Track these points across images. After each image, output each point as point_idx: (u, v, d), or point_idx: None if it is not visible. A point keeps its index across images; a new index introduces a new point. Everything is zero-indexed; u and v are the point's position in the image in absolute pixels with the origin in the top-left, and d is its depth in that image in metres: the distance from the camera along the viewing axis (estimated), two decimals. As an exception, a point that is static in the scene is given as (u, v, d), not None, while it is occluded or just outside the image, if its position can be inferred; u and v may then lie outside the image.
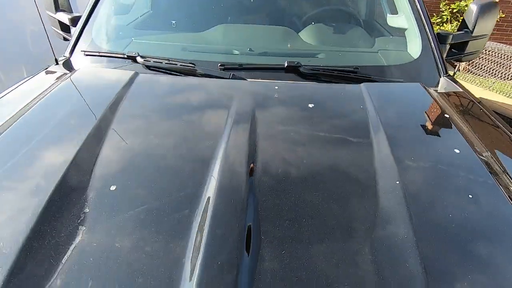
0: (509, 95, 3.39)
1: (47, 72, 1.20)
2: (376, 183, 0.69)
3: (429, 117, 0.96)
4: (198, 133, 0.84)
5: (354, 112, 0.91)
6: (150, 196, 0.64)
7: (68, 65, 1.24)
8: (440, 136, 0.88)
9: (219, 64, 1.14)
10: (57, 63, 1.24)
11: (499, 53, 3.54)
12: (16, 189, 0.66)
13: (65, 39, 1.62)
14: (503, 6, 4.65)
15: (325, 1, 1.56)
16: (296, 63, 1.12)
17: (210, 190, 0.64)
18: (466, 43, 1.49)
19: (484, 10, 1.42)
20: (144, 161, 0.74)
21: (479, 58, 3.72)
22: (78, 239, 0.55)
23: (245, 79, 1.11)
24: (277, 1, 1.53)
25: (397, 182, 0.68)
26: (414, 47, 1.30)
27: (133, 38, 1.38)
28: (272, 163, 0.73)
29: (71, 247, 0.54)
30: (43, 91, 1.03)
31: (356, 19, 1.57)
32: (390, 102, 1.00)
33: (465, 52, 1.53)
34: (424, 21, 1.33)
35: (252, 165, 0.72)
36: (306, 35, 1.38)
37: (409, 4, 1.38)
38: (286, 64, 1.12)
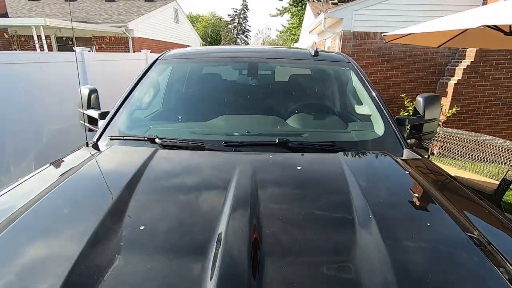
0: (480, 173, 3.74)
1: (79, 152, 1.43)
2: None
3: (398, 180, 1.17)
4: (207, 197, 1.01)
5: (334, 173, 1.13)
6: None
7: (96, 147, 1.49)
8: (411, 199, 1.07)
9: (223, 142, 1.41)
10: (87, 145, 1.49)
11: (462, 138, 4.07)
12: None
13: (90, 130, 1.93)
14: (456, 101, 5.54)
15: (307, 98, 1.98)
16: (285, 139, 1.40)
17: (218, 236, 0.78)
18: (422, 125, 1.85)
19: (428, 100, 1.83)
20: (161, 222, 0.88)
21: (448, 143, 4.24)
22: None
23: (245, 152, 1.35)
24: (268, 98, 1.94)
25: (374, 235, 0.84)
26: (379, 128, 1.63)
27: (150, 126, 1.68)
28: (271, 218, 0.89)
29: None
30: (76, 166, 1.23)
31: (332, 110, 1.96)
32: (363, 167, 1.23)
33: (423, 132, 1.87)
34: (383, 108, 1.71)
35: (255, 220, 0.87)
36: (292, 122, 1.72)
37: (369, 97, 1.79)
38: (277, 141, 1.40)
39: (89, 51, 4.92)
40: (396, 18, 5.76)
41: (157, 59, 2.10)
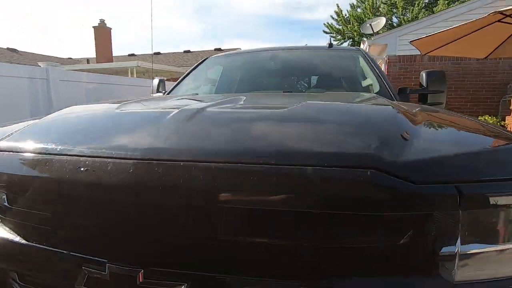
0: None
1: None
2: None
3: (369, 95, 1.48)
4: None
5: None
6: None
7: None
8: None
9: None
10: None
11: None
12: None
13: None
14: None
15: (322, 76, 2.39)
16: (290, 91, 1.82)
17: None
18: (426, 95, 2.06)
19: (430, 74, 2.06)
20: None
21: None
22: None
23: None
24: (293, 77, 2.41)
25: None
26: (375, 90, 1.93)
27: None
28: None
29: None
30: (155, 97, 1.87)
31: (341, 84, 2.30)
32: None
33: (428, 102, 2.07)
34: (383, 79, 2.00)
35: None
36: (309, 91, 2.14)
37: (373, 73, 2.11)
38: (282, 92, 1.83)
39: (167, 80, 6.34)
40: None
41: (206, 59, 2.81)
